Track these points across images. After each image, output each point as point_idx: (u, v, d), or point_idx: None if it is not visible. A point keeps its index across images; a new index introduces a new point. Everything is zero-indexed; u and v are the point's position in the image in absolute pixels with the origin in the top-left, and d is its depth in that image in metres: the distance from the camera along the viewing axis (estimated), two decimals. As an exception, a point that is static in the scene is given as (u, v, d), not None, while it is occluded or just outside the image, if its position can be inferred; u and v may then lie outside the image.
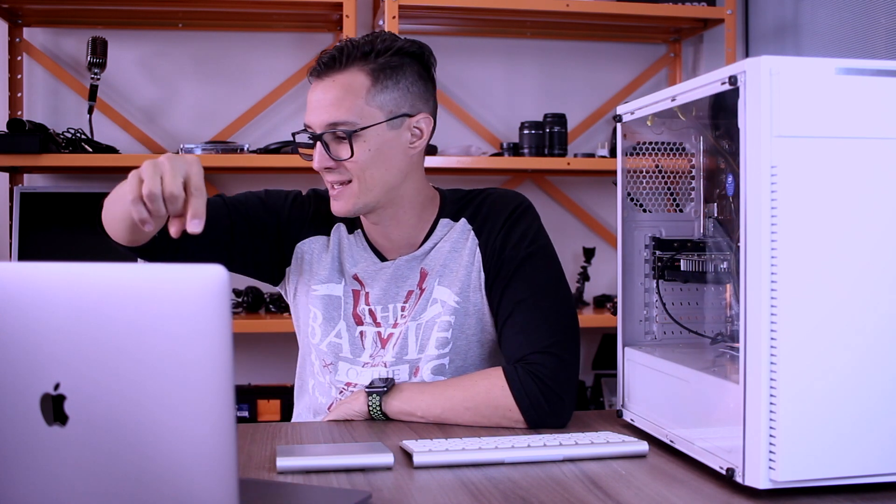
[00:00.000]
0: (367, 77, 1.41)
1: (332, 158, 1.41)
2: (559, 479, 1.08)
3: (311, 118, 1.42)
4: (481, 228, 1.50)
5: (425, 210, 1.52)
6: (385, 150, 1.42)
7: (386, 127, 1.42)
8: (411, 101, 1.44)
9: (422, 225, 1.52)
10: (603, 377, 3.11)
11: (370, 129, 1.40)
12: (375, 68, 1.41)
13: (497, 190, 1.56)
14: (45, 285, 0.77)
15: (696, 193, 1.38)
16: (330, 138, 1.41)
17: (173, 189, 1.10)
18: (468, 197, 1.55)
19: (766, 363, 0.97)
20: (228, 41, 3.06)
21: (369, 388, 1.39)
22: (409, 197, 1.49)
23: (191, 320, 0.74)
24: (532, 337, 1.39)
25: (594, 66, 3.27)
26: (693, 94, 1.12)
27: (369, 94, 1.40)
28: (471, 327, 1.48)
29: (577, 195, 3.26)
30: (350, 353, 1.51)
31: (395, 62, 1.43)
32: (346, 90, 1.40)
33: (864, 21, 2.62)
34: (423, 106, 1.47)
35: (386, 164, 1.43)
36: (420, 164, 1.50)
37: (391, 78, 1.42)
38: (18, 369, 0.77)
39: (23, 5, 2.82)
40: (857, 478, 0.99)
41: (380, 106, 1.41)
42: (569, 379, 1.37)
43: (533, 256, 1.45)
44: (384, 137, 1.42)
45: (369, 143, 1.41)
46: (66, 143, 2.68)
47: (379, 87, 1.41)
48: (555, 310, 1.42)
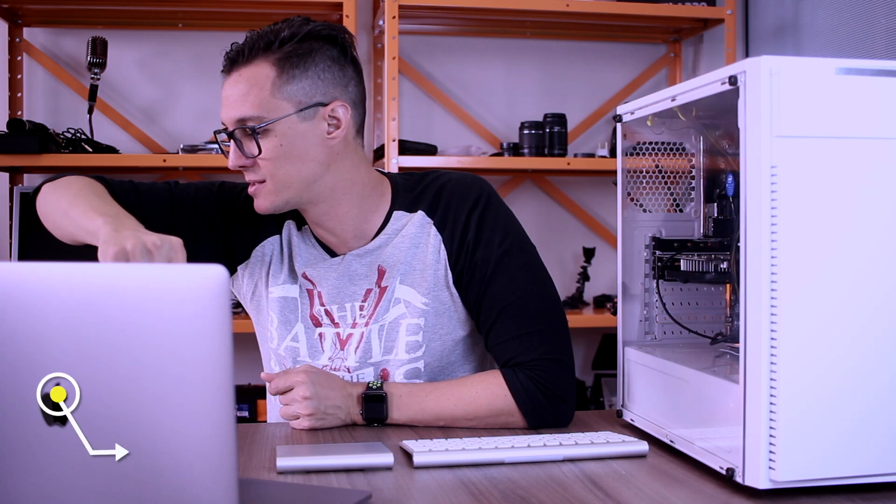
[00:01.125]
0: (273, 68, 1.34)
1: (245, 156, 1.36)
2: (559, 479, 1.08)
3: (223, 115, 1.37)
4: (443, 222, 1.43)
5: (367, 201, 1.44)
6: (298, 143, 1.35)
7: (296, 119, 1.34)
8: (323, 89, 1.36)
9: (367, 217, 1.44)
10: (603, 377, 3.11)
11: (279, 122, 1.33)
12: (280, 58, 1.34)
13: (450, 175, 1.48)
14: (45, 285, 0.77)
15: (696, 193, 1.38)
16: (241, 135, 1.35)
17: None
18: (423, 184, 1.47)
19: (766, 363, 0.97)
20: (228, 41, 3.04)
21: (367, 416, 1.34)
22: (340, 189, 1.40)
23: (191, 320, 0.74)
24: (525, 343, 1.35)
25: (594, 66, 3.27)
26: (693, 94, 1.12)
27: (275, 85, 1.33)
28: (444, 327, 1.43)
29: (577, 195, 3.26)
30: (308, 355, 1.46)
31: (302, 49, 1.35)
32: (251, 84, 1.34)
33: (864, 21, 2.62)
34: (340, 93, 1.38)
35: (301, 158, 1.36)
36: (348, 154, 1.40)
37: (298, 67, 1.35)
38: (18, 369, 0.77)
39: (23, 5, 2.82)
40: (857, 478, 0.99)
41: (287, 97, 1.34)
42: (569, 380, 1.36)
43: (508, 254, 1.39)
44: (296, 130, 1.35)
45: (279, 137, 1.34)
46: (66, 143, 2.68)
47: (285, 77, 1.34)
48: (542, 310, 1.38)
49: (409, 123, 3.13)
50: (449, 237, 1.42)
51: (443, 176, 1.48)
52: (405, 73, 3.11)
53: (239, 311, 2.88)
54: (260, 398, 2.83)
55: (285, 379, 1.33)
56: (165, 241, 1.15)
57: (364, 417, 1.34)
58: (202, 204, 1.49)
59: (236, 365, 0.74)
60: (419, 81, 3.16)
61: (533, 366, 1.35)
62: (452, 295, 1.43)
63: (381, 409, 1.34)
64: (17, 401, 0.77)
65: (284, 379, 1.33)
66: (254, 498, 0.98)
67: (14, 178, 2.89)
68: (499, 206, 1.45)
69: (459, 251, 1.41)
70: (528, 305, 1.38)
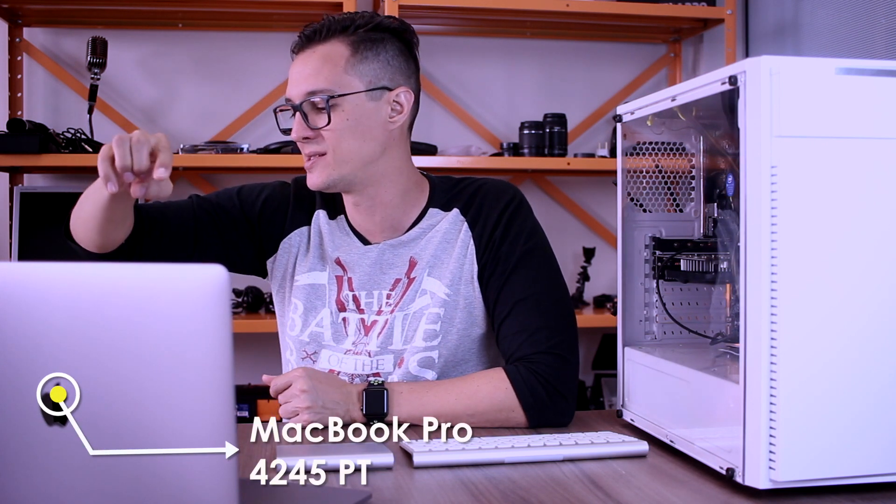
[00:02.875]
0: (347, 47, 1.41)
1: (310, 128, 1.40)
2: (559, 479, 1.08)
3: (292, 90, 1.42)
4: (475, 220, 1.48)
5: (409, 193, 1.50)
6: (363, 121, 1.41)
7: (365, 97, 1.41)
8: (391, 75, 1.44)
9: (406, 209, 1.50)
10: (603, 377, 3.11)
11: (348, 97, 1.40)
12: (356, 40, 1.42)
13: (489, 180, 1.54)
14: (45, 285, 0.77)
15: (696, 193, 1.38)
16: (308, 108, 1.40)
17: (141, 137, 1.15)
18: (459, 186, 1.53)
19: (766, 363, 0.97)
20: (228, 41, 3.06)
21: (368, 413, 1.33)
22: (389, 175, 1.46)
23: (191, 320, 0.74)
24: (534, 337, 1.38)
25: (594, 66, 3.27)
26: (693, 94, 1.12)
27: (348, 63, 1.40)
28: (461, 321, 1.46)
29: (577, 195, 3.26)
30: (332, 339, 1.49)
31: (375, 36, 1.43)
32: (325, 60, 1.41)
33: (864, 21, 2.62)
34: (404, 81, 1.46)
35: (364, 135, 1.41)
36: (402, 143, 1.48)
37: (371, 50, 1.42)
38: (18, 369, 0.77)
39: (23, 5, 2.82)
40: (857, 478, 0.99)
41: (359, 75, 1.41)
42: (571, 378, 1.37)
43: (531, 253, 1.45)
44: (363, 108, 1.41)
45: (347, 112, 1.40)
46: (66, 143, 2.68)
47: (359, 57, 1.41)
48: (555, 309, 1.41)
49: (409, 123, 3.13)
50: (479, 233, 1.48)
51: (480, 181, 1.55)
52: (405, 73, 3.11)
53: (239, 311, 2.88)
54: (260, 398, 2.83)
55: (284, 377, 1.34)
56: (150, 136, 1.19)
57: (364, 413, 1.34)
58: (225, 208, 1.53)
59: (236, 365, 0.74)
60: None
61: (537, 360, 1.36)
62: (475, 290, 1.46)
63: (381, 404, 1.34)
64: (17, 401, 0.77)
65: (283, 377, 1.34)
66: (254, 498, 0.98)
67: (14, 178, 2.89)
68: (528, 211, 1.51)
69: (487, 245, 1.46)
70: (541, 302, 1.41)
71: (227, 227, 1.52)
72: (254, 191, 1.56)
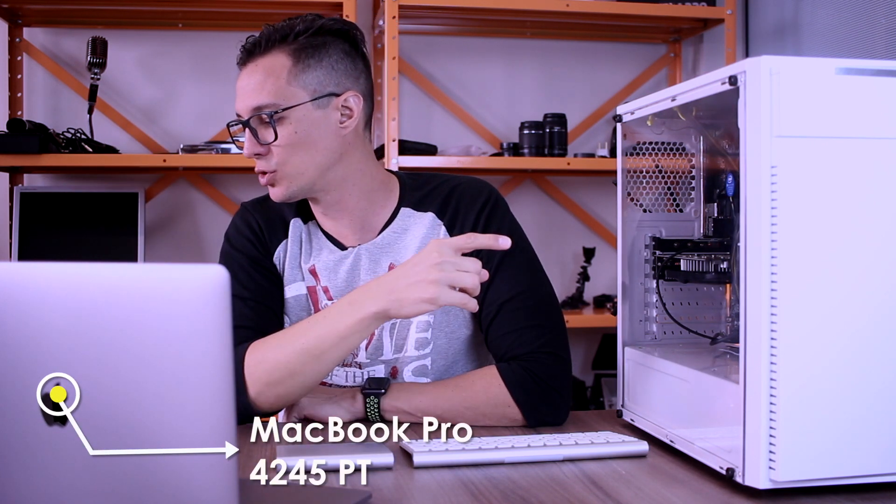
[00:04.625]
0: (289, 58, 1.39)
1: (260, 144, 1.39)
2: (559, 479, 1.08)
3: (238, 105, 1.41)
4: (453, 222, 1.46)
5: (376, 193, 1.47)
6: (313, 131, 1.39)
7: (311, 107, 1.39)
8: (337, 80, 1.41)
9: (375, 209, 1.47)
10: (603, 377, 3.11)
11: (294, 109, 1.38)
12: (296, 49, 1.39)
13: (461, 179, 1.51)
14: (45, 285, 0.77)
15: (696, 193, 1.38)
16: (256, 123, 1.39)
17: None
18: (431, 185, 1.50)
19: (766, 363, 0.97)
20: (228, 41, 3.03)
21: (366, 390, 1.37)
22: (351, 179, 1.44)
23: (191, 320, 0.74)
24: (523, 337, 1.37)
25: (594, 66, 3.27)
26: (693, 94, 1.12)
27: (291, 74, 1.38)
28: (449, 325, 1.47)
29: (577, 195, 3.26)
30: None
31: (316, 41, 1.41)
32: (268, 73, 1.39)
33: (864, 21, 2.62)
34: (352, 84, 1.43)
35: (315, 145, 1.39)
36: (359, 145, 1.45)
37: (313, 57, 1.40)
38: (18, 369, 0.77)
39: (23, 5, 2.82)
40: (857, 478, 0.99)
41: (303, 86, 1.39)
42: (564, 375, 1.37)
43: (511, 253, 1.41)
44: (311, 118, 1.39)
45: (295, 124, 1.38)
46: (66, 143, 2.68)
47: (301, 67, 1.39)
48: (541, 307, 1.41)
49: (409, 123, 3.13)
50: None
51: (453, 179, 1.52)
52: (405, 73, 3.11)
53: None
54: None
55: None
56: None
57: (365, 388, 1.36)
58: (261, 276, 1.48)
59: (236, 365, 0.73)
60: (419, 81, 3.16)
61: (529, 358, 1.36)
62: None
63: (384, 381, 1.37)
64: (17, 401, 0.77)
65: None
66: (254, 498, 0.98)
67: (14, 178, 2.89)
68: (505, 209, 1.49)
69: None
70: (527, 301, 1.40)
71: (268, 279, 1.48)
72: (240, 234, 1.51)
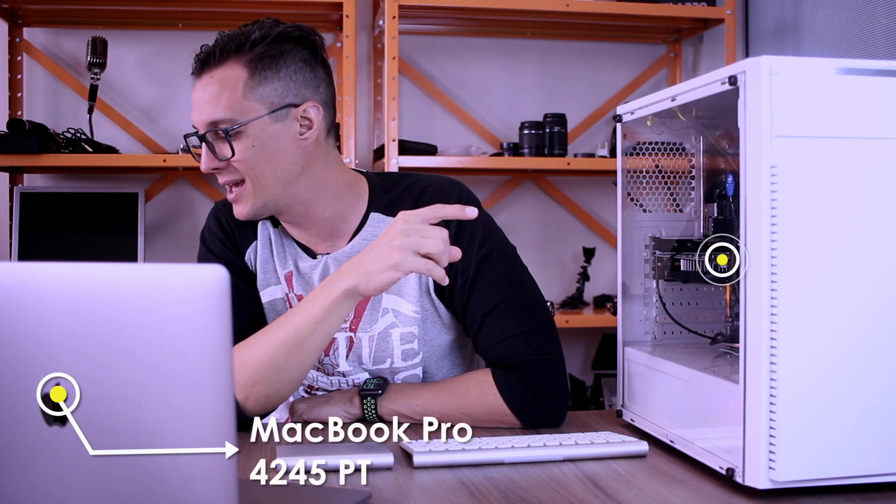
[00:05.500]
0: (244, 69, 1.33)
1: (217, 159, 1.34)
2: (559, 479, 1.08)
3: (194, 118, 1.36)
4: None
5: (343, 200, 1.42)
6: (271, 144, 1.34)
7: (269, 120, 1.33)
8: (295, 90, 1.36)
9: (343, 216, 1.42)
10: (603, 377, 3.11)
11: (251, 124, 1.32)
12: (252, 59, 1.33)
13: (432, 180, 1.45)
14: (45, 285, 0.77)
15: (696, 193, 1.38)
16: (213, 137, 1.34)
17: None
18: (400, 187, 1.45)
19: (766, 363, 0.97)
20: (228, 41, 3.05)
21: (364, 391, 1.37)
22: (315, 190, 1.39)
23: (191, 320, 0.74)
24: (512, 346, 1.35)
25: (594, 66, 3.27)
26: (693, 94, 1.12)
27: (247, 87, 1.32)
28: (430, 333, 1.43)
29: (577, 195, 3.26)
30: None
31: (274, 51, 1.35)
32: (223, 86, 1.33)
33: (864, 21, 2.62)
34: (311, 93, 1.37)
35: (275, 158, 1.34)
36: (322, 154, 1.39)
37: (270, 68, 1.34)
38: (18, 369, 0.77)
39: (23, 5, 2.82)
40: (857, 478, 0.99)
41: (260, 99, 1.33)
42: (559, 378, 1.35)
43: (487, 259, 1.37)
44: (269, 132, 1.33)
45: (252, 138, 1.33)
46: (66, 143, 2.68)
47: (257, 79, 1.33)
48: (526, 311, 1.37)
49: (409, 123, 3.13)
50: None
51: (422, 181, 1.46)
52: (405, 73, 3.11)
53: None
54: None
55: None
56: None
57: (362, 391, 1.37)
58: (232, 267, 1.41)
59: (236, 365, 0.73)
60: (419, 81, 3.16)
61: (523, 367, 1.34)
62: (434, 302, 1.42)
63: (382, 383, 1.37)
64: (17, 401, 0.77)
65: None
66: (254, 498, 0.98)
67: (14, 178, 2.89)
68: (479, 208, 1.43)
69: None
70: (510, 308, 1.37)
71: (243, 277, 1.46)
72: (212, 244, 1.48)
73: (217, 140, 1.34)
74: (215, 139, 1.34)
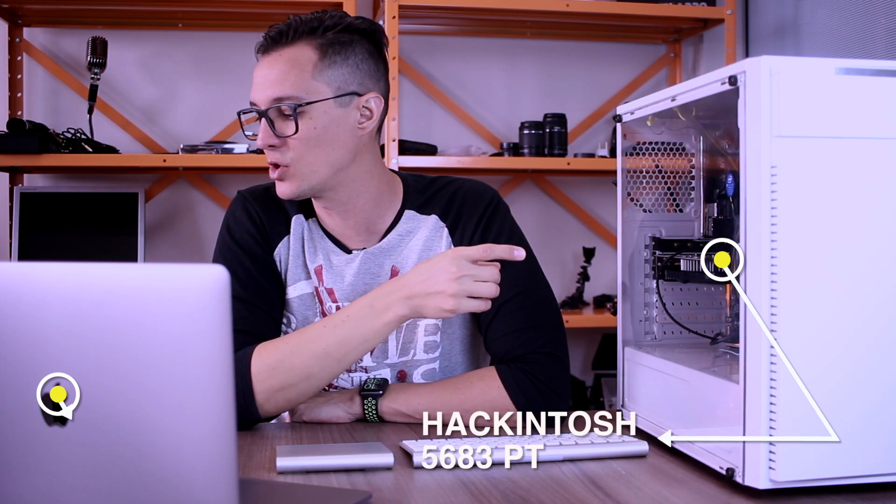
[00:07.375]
0: (315, 52, 1.36)
1: (276, 135, 1.35)
2: (559, 479, 1.08)
3: (256, 95, 1.37)
4: (455, 226, 1.46)
5: (382, 196, 1.46)
6: (331, 128, 1.36)
7: (333, 104, 1.36)
8: (360, 79, 1.39)
9: (381, 211, 1.46)
10: (603, 377, 3.11)
11: (316, 104, 1.35)
12: (323, 43, 1.36)
13: (466, 182, 1.50)
14: (45, 285, 0.77)
15: (696, 193, 1.38)
16: (275, 114, 1.35)
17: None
18: (435, 187, 1.49)
19: (766, 363, 0.97)
20: (228, 41, 3.06)
21: (365, 391, 1.37)
22: (361, 180, 1.42)
23: (191, 320, 0.74)
24: (522, 338, 1.37)
25: (594, 66, 3.27)
26: (693, 94, 1.12)
27: (316, 68, 1.35)
28: (454, 328, 1.47)
29: (577, 195, 3.26)
30: None
31: (344, 38, 1.38)
32: (293, 64, 1.35)
33: (864, 21, 2.62)
34: (374, 85, 1.41)
35: (332, 143, 1.37)
36: (372, 147, 1.44)
37: (340, 54, 1.37)
38: (18, 369, 0.77)
39: (23, 5, 2.82)
40: (857, 478, 0.99)
41: (327, 82, 1.36)
42: (563, 374, 1.37)
43: None
44: (331, 115, 1.36)
45: (315, 120, 1.35)
46: (66, 143, 2.68)
47: (327, 62, 1.36)
48: (540, 308, 1.40)
49: (409, 123, 3.13)
50: (458, 239, 1.46)
51: (455, 182, 1.51)
52: (405, 73, 3.12)
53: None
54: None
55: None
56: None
57: (362, 391, 1.37)
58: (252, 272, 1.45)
59: (236, 365, 0.73)
60: (419, 81, 3.16)
61: (528, 359, 1.36)
62: None
63: (382, 383, 1.37)
64: (17, 401, 0.77)
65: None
66: (254, 498, 0.98)
67: (14, 178, 2.89)
68: (506, 212, 1.50)
69: None
70: (525, 302, 1.40)
71: (268, 271, 1.45)
72: (241, 227, 1.47)
73: (279, 117, 1.36)
74: (277, 115, 1.36)
